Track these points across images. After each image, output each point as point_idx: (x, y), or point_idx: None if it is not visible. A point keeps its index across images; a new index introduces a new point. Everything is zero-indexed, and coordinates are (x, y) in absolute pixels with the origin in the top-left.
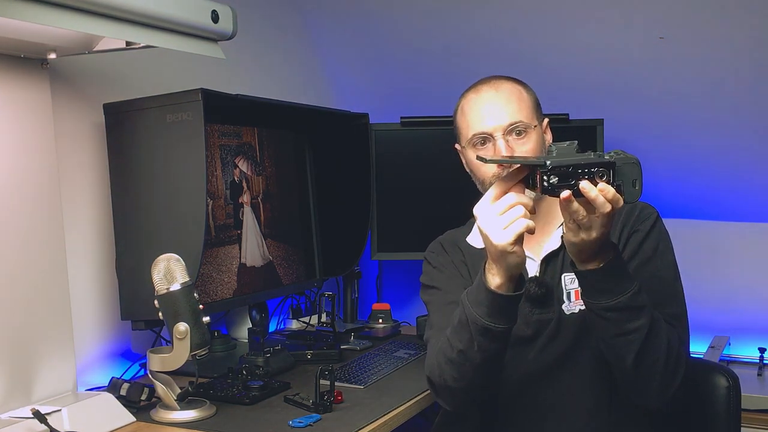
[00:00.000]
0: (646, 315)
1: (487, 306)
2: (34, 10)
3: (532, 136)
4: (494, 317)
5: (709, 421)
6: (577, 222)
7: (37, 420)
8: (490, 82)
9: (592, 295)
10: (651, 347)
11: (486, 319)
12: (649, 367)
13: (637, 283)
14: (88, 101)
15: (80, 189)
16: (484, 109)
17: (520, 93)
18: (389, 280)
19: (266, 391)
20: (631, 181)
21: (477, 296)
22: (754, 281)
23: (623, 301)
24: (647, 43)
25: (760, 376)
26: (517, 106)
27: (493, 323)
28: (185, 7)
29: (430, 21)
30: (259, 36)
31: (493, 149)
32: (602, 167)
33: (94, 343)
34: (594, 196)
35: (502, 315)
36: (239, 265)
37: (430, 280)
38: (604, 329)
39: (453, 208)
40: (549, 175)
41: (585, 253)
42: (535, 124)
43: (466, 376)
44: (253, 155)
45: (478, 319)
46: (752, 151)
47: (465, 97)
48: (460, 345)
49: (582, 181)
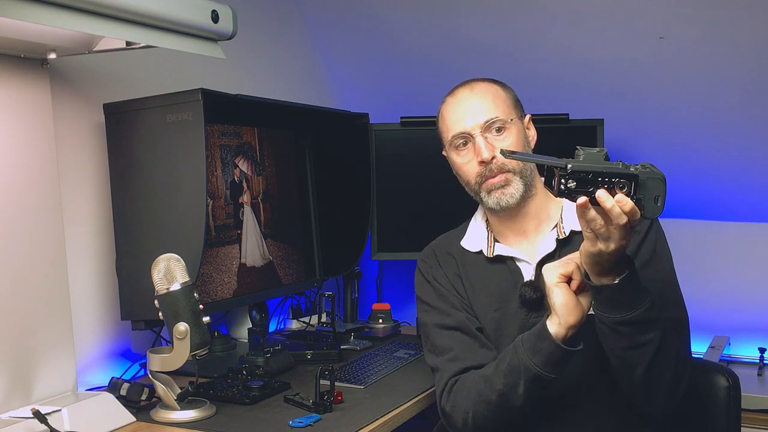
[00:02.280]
0: (658, 328)
1: (546, 356)
2: (34, 10)
3: (512, 130)
4: (549, 367)
5: (709, 421)
6: (594, 231)
7: (37, 420)
8: (465, 85)
9: (605, 309)
10: (661, 358)
11: (541, 368)
12: (658, 376)
13: (651, 297)
14: (88, 101)
15: (80, 189)
16: (460, 110)
17: (496, 91)
18: (389, 280)
19: (266, 391)
20: (654, 196)
21: (535, 344)
22: (754, 281)
23: (637, 315)
24: (647, 43)
25: (760, 376)
26: (493, 103)
27: (547, 373)
28: (185, 7)
29: (431, 21)
30: (259, 36)
31: (473, 148)
32: (624, 178)
33: (94, 343)
34: (610, 207)
35: (558, 366)
36: (239, 265)
37: (425, 295)
38: (616, 342)
39: (453, 208)
40: (567, 178)
41: (601, 266)
42: (512, 118)
43: (499, 417)
44: (253, 155)
45: (532, 367)
46: (752, 151)
47: (443, 102)
48: (504, 388)
49: (600, 190)
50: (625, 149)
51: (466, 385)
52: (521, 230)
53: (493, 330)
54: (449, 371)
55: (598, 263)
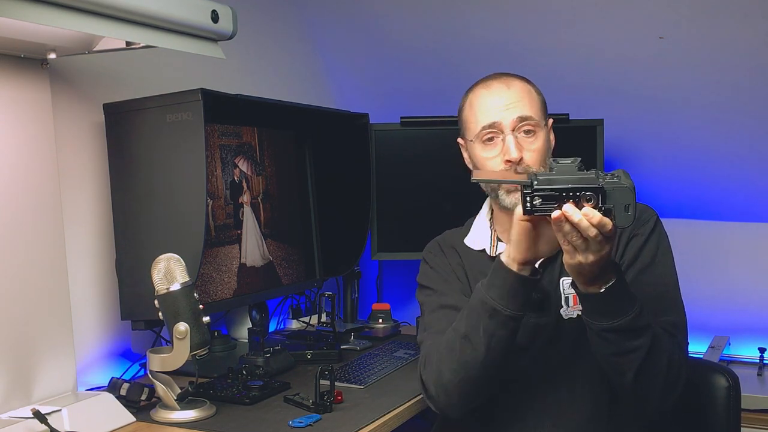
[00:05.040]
0: (647, 335)
1: (499, 287)
2: (34, 10)
3: (540, 135)
4: (505, 299)
5: (709, 421)
6: (572, 244)
7: (37, 420)
8: (500, 78)
9: (592, 316)
10: (651, 364)
11: (498, 301)
12: (649, 381)
13: (639, 304)
14: (88, 101)
15: (80, 189)
16: (494, 102)
17: (530, 91)
18: (389, 280)
19: (266, 391)
20: (623, 205)
21: (492, 279)
22: (754, 281)
23: (624, 323)
24: (647, 43)
25: (760, 376)
26: (528, 104)
27: (503, 306)
28: (185, 7)
29: (431, 21)
30: (259, 36)
31: (501, 145)
32: (590, 191)
33: (94, 343)
34: (577, 221)
35: (514, 298)
36: (239, 265)
37: (427, 280)
38: (603, 348)
39: (453, 208)
40: (533, 196)
41: (584, 276)
42: (543, 123)
43: (465, 366)
44: (253, 155)
45: (489, 300)
46: (752, 151)
47: (473, 91)
48: (466, 329)
49: (566, 204)
50: (625, 149)
51: (436, 344)
52: None
53: None
54: (430, 342)
55: (581, 274)
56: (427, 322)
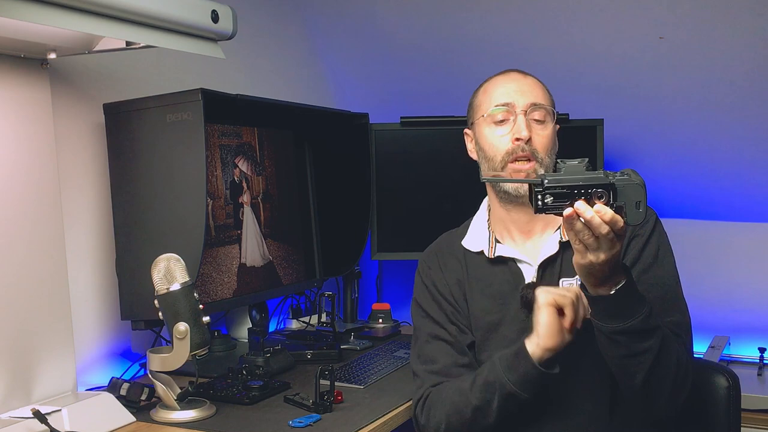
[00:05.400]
0: (657, 335)
1: (521, 374)
2: (34, 10)
3: (549, 126)
4: (523, 386)
5: (709, 421)
6: (583, 243)
7: (37, 420)
8: (517, 70)
9: (602, 319)
10: (661, 366)
11: (516, 386)
12: (658, 384)
13: (649, 305)
14: (88, 101)
15: (80, 189)
16: (510, 85)
17: (543, 87)
18: (389, 280)
19: (266, 391)
20: (635, 202)
21: (513, 362)
22: (754, 281)
23: (634, 325)
24: (647, 43)
25: (760, 376)
26: (542, 94)
27: (521, 391)
28: (185, 7)
29: (430, 21)
30: (259, 36)
31: (512, 126)
32: (601, 188)
33: (94, 343)
34: (589, 217)
35: (532, 386)
36: (239, 265)
37: (421, 299)
38: (613, 350)
39: (453, 208)
40: (544, 194)
41: (595, 277)
42: (552, 119)
43: (472, 428)
44: (253, 155)
45: (507, 384)
46: (752, 151)
47: (489, 80)
48: (478, 403)
49: (578, 202)
50: (625, 149)
51: (442, 397)
52: (527, 229)
53: (489, 332)
54: (429, 382)
55: (591, 274)
56: (420, 349)
